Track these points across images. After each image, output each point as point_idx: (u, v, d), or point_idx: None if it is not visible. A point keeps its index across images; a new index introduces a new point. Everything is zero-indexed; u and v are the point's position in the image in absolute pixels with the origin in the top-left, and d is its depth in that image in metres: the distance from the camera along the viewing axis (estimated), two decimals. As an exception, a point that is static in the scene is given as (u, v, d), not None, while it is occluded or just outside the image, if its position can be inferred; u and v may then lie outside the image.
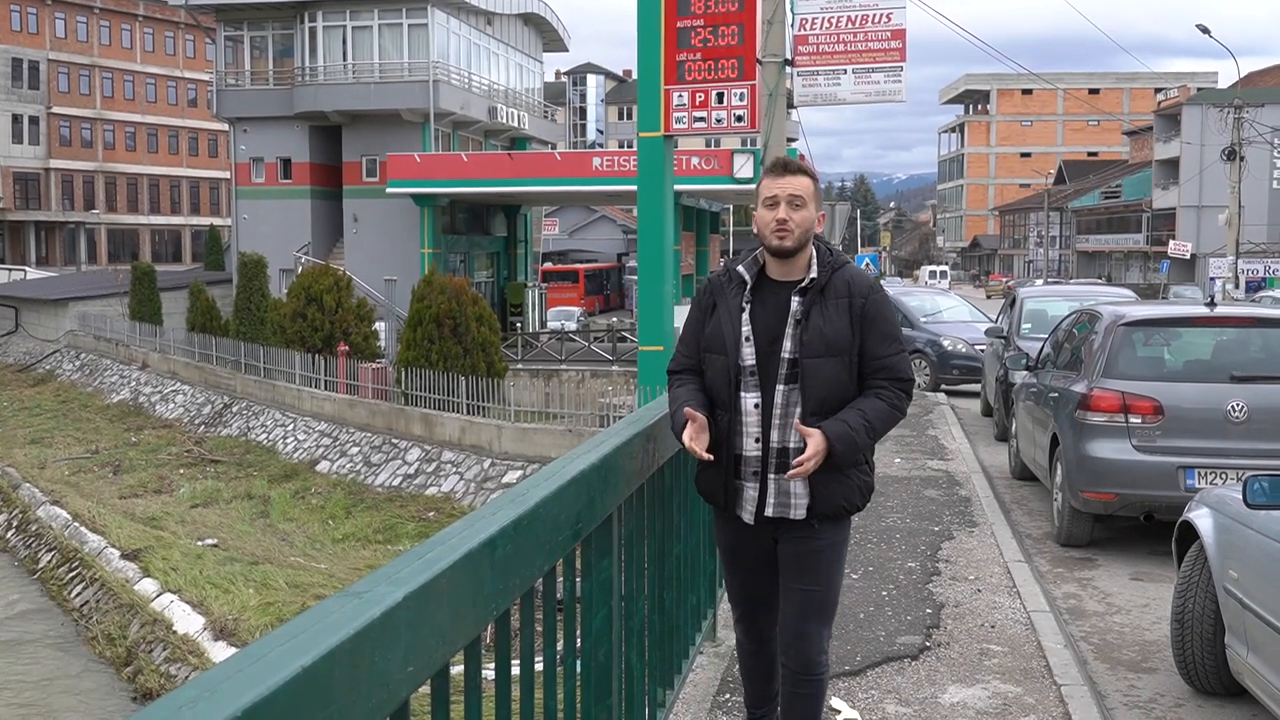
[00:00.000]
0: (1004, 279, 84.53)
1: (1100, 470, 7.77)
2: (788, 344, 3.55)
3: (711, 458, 3.57)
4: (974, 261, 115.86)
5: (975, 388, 17.53)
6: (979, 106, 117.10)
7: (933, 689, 5.26)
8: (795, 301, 3.57)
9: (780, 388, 3.57)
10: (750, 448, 3.63)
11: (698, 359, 3.75)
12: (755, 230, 3.69)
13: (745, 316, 3.61)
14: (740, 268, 3.68)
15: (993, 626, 6.19)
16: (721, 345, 3.63)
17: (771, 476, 3.62)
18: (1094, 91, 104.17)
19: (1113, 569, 7.79)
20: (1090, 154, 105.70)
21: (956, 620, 6.29)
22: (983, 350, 17.00)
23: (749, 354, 3.59)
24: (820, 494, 3.58)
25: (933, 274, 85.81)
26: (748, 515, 3.68)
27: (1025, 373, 10.61)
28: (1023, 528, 8.99)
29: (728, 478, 3.68)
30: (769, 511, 3.64)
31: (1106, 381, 7.93)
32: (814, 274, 3.58)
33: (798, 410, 3.55)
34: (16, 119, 65.29)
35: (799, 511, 3.61)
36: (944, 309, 21.26)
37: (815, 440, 3.43)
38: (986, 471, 11.25)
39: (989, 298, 59.83)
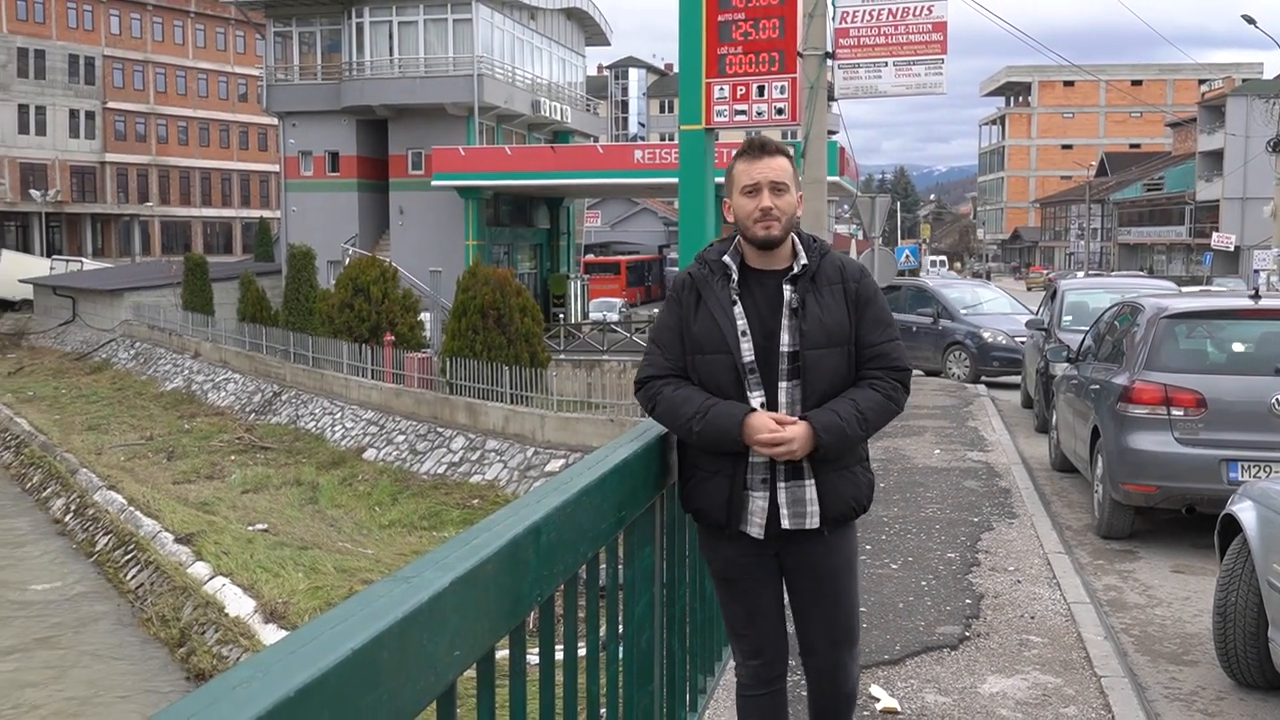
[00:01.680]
0: (1045, 271, 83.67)
1: (1141, 463, 7.68)
2: (785, 336, 3.20)
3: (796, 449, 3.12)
4: (1015, 254, 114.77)
5: (1015, 379, 17.39)
6: (1020, 98, 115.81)
7: (972, 679, 5.23)
8: (788, 290, 3.22)
9: (784, 384, 3.20)
10: (757, 453, 3.19)
11: (684, 362, 3.28)
12: (733, 220, 3.30)
13: (738, 309, 3.22)
14: (725, 258, 3.28)
15: (1032, 617, 6.14)
16: (719, 343, 3.20)
17: (782, 484, 3.22)
18: (1137, 83, 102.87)
19: (1154, 561, 7.70)
20: (1133, 146, 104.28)
21: (996, 611, 6.24)
22: (1023, 342, 16.86)
23: (747, 349, 3.20)
24: (828, 495, 3.22)
25: (933, 263, 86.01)
26: (756, 529, 3.25)
27: (1066, 365, 10.51)
28: (1063, 519, 8.91)
29: (734, 489, 3.23)
30: (785, 524, 3.23)
31: (1148, 374, 7.83)
32: (804, 260, 3.24)
33: (799, 409, 3.19)
34: (74, 114, 66.17)
35: (814, 520, 3.22)
36: (984, 301, 21.10)
37: (795, 427, 3.08)
38: (1026, 463, 11.15)
39: (1029, 290, 59.22)
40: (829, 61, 15.82)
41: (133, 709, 13.44)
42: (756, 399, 3.19)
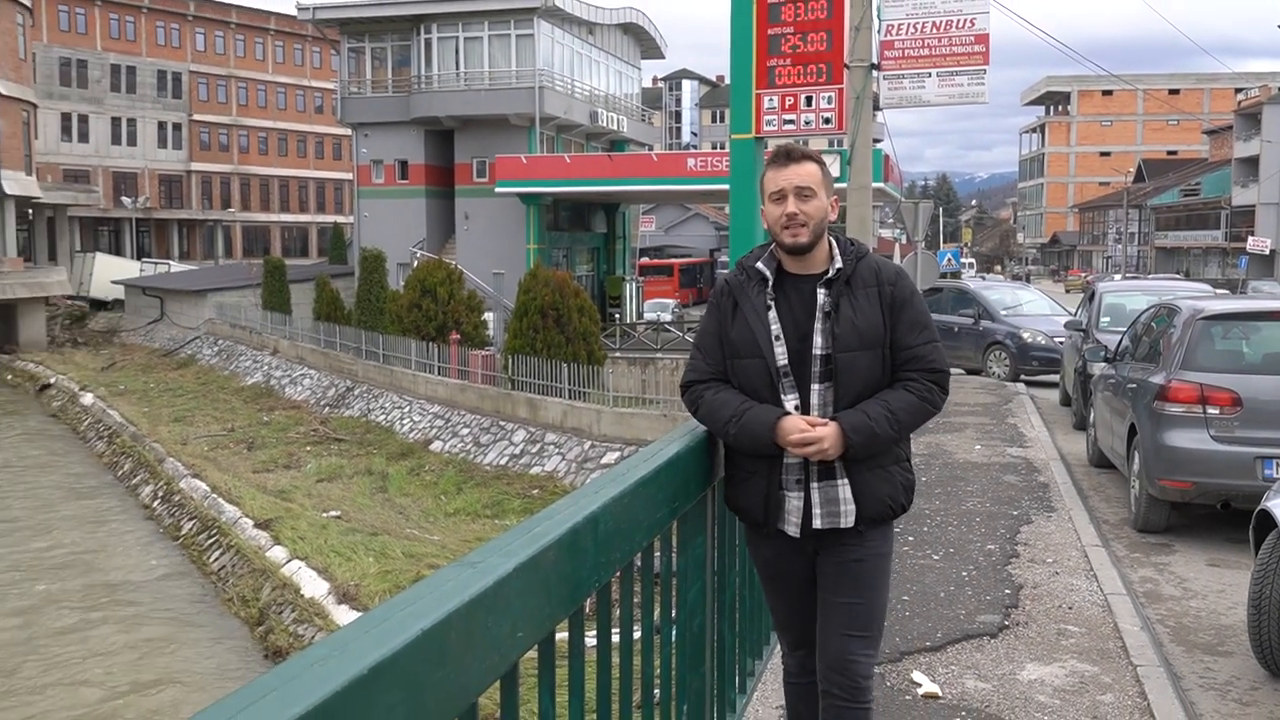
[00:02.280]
0: (1083, 274, 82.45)
1: (1178, 459, 7.56)
2: (818, 339, 3.10)
3: (825, 443, 3.04)
4: (1054, 257, 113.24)
5: (1054, 378, 17.16)
6: (1060, 107, 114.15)
7: (1011, 666, 5.17)
8: (822, 294, 3.12)
9: (816, 387, 3.10)
10: (791, 454, 3.11)
11: (723, 366, 3.23)
12: (765, 226, 3.21)
13: (773, 314, 3.14)
14: (759, 264, 3.20)
15: (1070, 608, 6.06)
16: (754, 347, 3.13)
17: (815, 485, 3.13)
18: (1174, 92, 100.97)
19: (1189, 555, 7.57)
20: (1170, 153, 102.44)
21: (1035, 601, 6.17)
22: (1061, 342, 16.64)
23: (781, 353, 3.11)
24: (864, 495, 3.11)
25: (962, 265, 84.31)
26: (792, 528, 3.17)
27: (1104, 364, 10.36)
28: (1100, 514, 8.78)
29: (770, 489, 3.17)
30: (818, 523, 3.14)
31: (1185, 373, 7.71)
32: (839, 264, 3.13)
33: (831, 411, 3.10)
34: (162, 126, 67.32)
35: (848, 519, 3.12)
36: (1024, 303, 20.85)
37: (825, 428, 3.02)
38: (1065, 459, 11.00)
39: (1068, 292, 58.35)
40: (874, 73, 15.69)
41: (214, 683, 13.63)
42: (790, 401, 3.11)
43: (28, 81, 48.05)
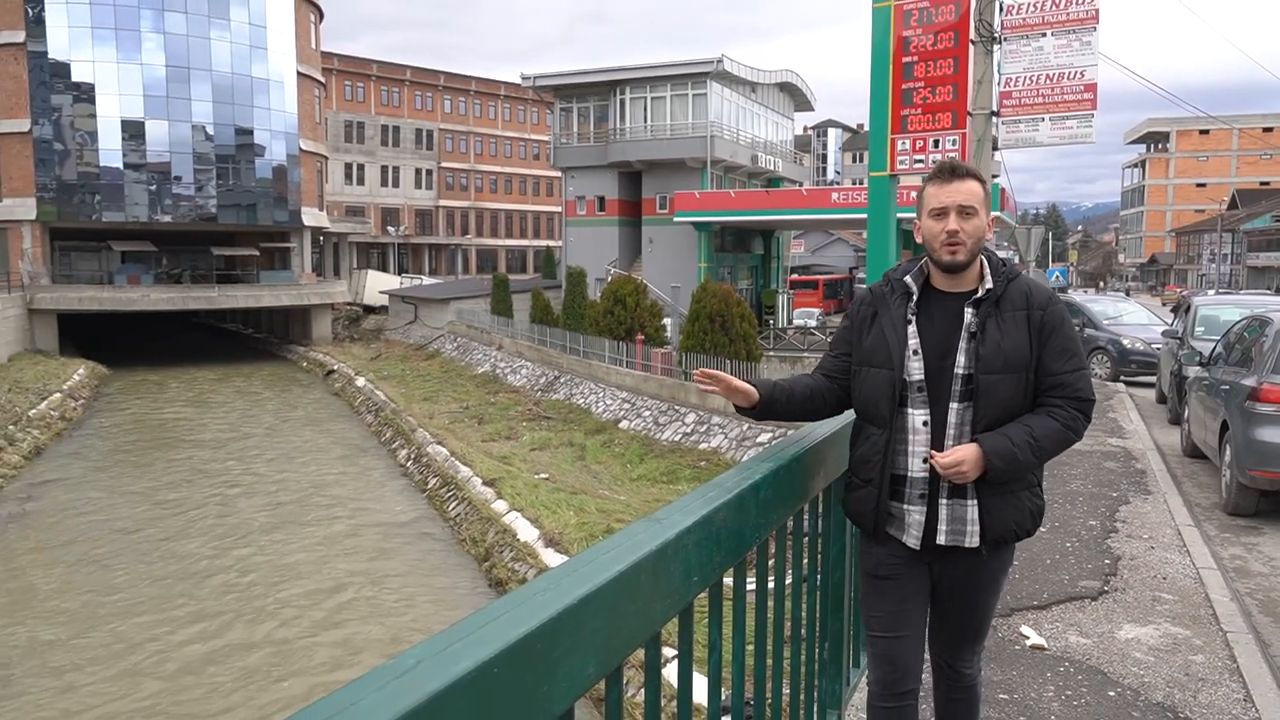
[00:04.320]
0: (1179, 289, 76.93)
1: (1267, 453, 6.99)
2: (961, 358, 2.54)
3: (707, 385, 2.59)
4: (1152, 275, 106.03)
5: (1150, 379, 16.10)
6: (1159, 145, 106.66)
7: (1110, 626, 4.88)
8: (969, 313, 2.56)
9: (954, 405, 2.55)
10: (917, 468, 2.60)
11: (842, 368, 2.76)
12: (921, 241, 2.64)
13: (912, 329, 2.60)
14: (907, 278, 2.66)
15: (1164, 578, 5.67)
16: (885, 358, 2.61)
17: (944, 501, 2.60)
18: (1268, 130, 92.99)
19: (1277, 537, 6.97)
20: (1262, 183, 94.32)
21: (1132, 571, 5.80)
22: (1158, 348, 15.58)
23: (917, 368, 2.58)
24: (990, 518, 2.58)
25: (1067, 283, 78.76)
26: (912, 540, 2.65)
27: (1198, 368, 9.65)
28: (1193, 498, 8.18)
29: (880, 499, 2.66)
30: (941, 539, 2.61)
31: (1275, 377, 7.12)
32: (989, 284, 2.58)
33: (969, 430, 2.56)
34: (418, 172, 70.43)
35: (974, 539, 2.59)
36: (1124, 313, 19.62)
37: (965, 449, 2.50)
38: (1160, 449, 10.29)
39: (1164, 305, 54.56)
40: (994, 118, 15.03)
41: (454, 598, 14.13)
42: (920, 416, 2.58)
43: (321, 139, 51.04)
